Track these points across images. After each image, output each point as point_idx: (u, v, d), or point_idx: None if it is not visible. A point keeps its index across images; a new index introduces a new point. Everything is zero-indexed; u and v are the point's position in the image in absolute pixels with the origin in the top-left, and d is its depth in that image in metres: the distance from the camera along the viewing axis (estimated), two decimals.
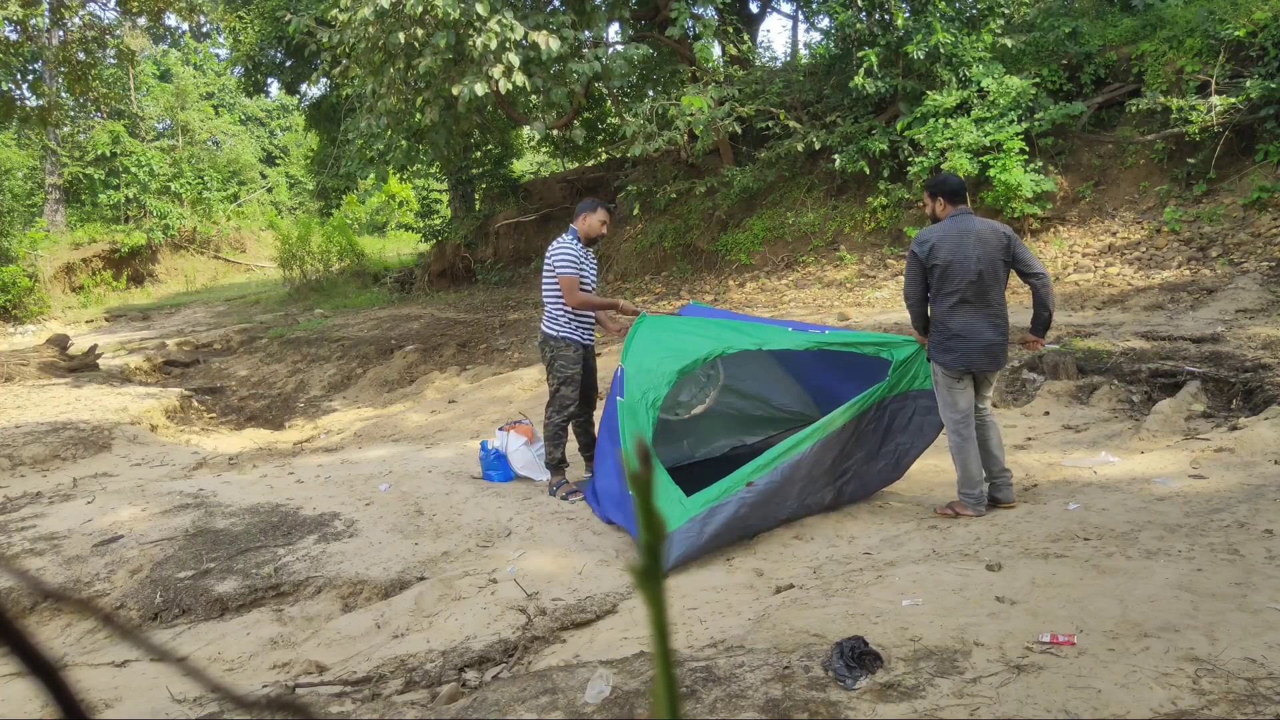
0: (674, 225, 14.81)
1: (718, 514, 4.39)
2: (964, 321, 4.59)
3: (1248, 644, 2.86)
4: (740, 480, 4.47)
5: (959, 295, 4.57)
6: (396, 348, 12.64)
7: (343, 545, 4.87)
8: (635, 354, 5.06)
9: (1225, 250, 9.34)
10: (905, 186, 11.95)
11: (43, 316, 19.15)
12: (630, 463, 0.47)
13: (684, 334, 5.20)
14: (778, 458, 4.58)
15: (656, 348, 5.05)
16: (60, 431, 8.22)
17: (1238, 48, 10.29)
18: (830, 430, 4.75)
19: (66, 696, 0.45)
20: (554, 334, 5.64)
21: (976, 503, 4.67)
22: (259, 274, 25.09)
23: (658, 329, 5.29)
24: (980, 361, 4.61)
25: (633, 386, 4.80)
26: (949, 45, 11.38)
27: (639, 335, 5.23)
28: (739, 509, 4.43)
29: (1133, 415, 6.29)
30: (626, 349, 5.13)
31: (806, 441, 4.66)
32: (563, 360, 5.62)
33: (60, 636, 4.19)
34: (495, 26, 9.97)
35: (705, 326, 5.29)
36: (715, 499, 4.41)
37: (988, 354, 4.62)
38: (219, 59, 35.27)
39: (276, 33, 16.97)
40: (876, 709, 2.69)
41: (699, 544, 4.36)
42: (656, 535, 0.45)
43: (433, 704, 3.23)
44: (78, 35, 15.59)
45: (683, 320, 5.53)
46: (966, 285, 4.56)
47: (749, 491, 4.46)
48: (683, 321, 5.49)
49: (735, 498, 4.43)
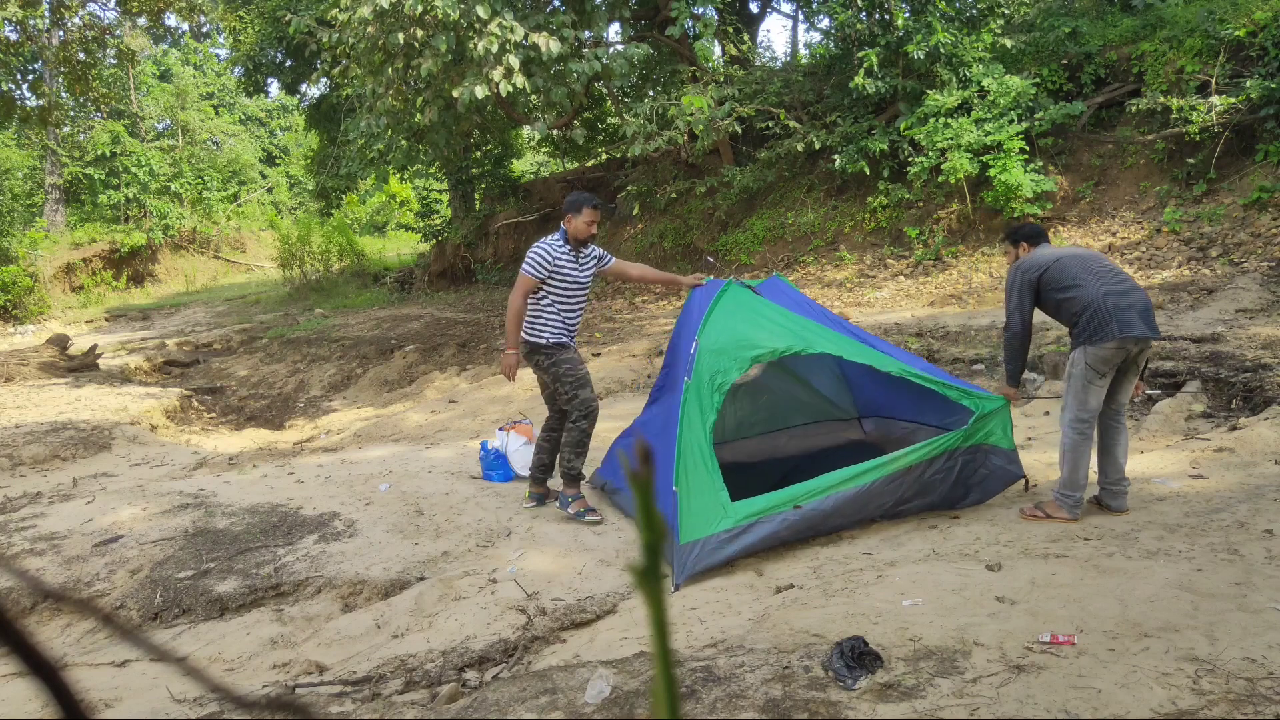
0: (674, 225, 14.81)
1: (757, 529, 4.29)
2: (1107, 290, 4.27)
3: (1248, 644, 2.86)
4: (787, 501, 4.35)
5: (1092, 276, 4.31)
6: (396, 348, 12.64)
7: (343, 545, 4.87)
8: (712, 332, 4.75)
9: (1225, 250, 9.34)
10: (905, 186, 11.95)
11: (43, 316, 19.15)
12: (639, 454, 0.47)
13: (764, 320, 4.88)
14: (831, 487, 4.44)
15: (733, 329, 4.77)
16: (60, 431, 8.22)
17: (1238, 48, 10.29)
18: (893, 469, 4.55)
19: (66, 696, 0.45)
20: (543, 342, 5.16)
21: (1075, 506, 4.40)
22: (259, 274, 25.08)
23: (738, 307, 4.95)
24: (1139, 325, 4.23)
25: (703, 367, 4.58)
26: (949, 45, 11.38)
27: (718, 312, 4.87)
28: (779, 528, 4.32)
29: (1133, 415, 6.29)
30: (704, 324, 4.78)
31: (866, 476, 4.48)
32: (567, 364, 5.18)
33: (60, 636, 4.19)
34: (495, 30, 9.97)
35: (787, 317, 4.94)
36: (759, 513, 4.30)
37: (1144, 316, 4.27)
38: (219, 59, 35.29)
39: (276, 33, 16.98)
40: (876, 709, 2.69)
41: (728, 554, 4.23)
42: (656, 534, 0.45)
43: (433, 704, 3.23)
44: (78, 35, 15.59)
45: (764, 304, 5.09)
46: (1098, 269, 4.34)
47: (794, 514, 4.35)
48: (764, 305, 5.07)
49: (779, 516, 4.32)
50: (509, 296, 5.20)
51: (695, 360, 4.61)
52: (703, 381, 4.54)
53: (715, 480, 4.32)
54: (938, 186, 11.50)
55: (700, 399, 4.49)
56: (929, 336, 8.71)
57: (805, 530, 4.41)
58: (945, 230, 11.68)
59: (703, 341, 4.68)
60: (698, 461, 4.35)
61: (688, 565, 4.15)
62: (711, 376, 4.55)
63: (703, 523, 4.21)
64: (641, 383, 8.99)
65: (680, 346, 4.95)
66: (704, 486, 4.29)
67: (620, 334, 11.47)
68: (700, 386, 4.53)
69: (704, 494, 4.27)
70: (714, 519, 4.22)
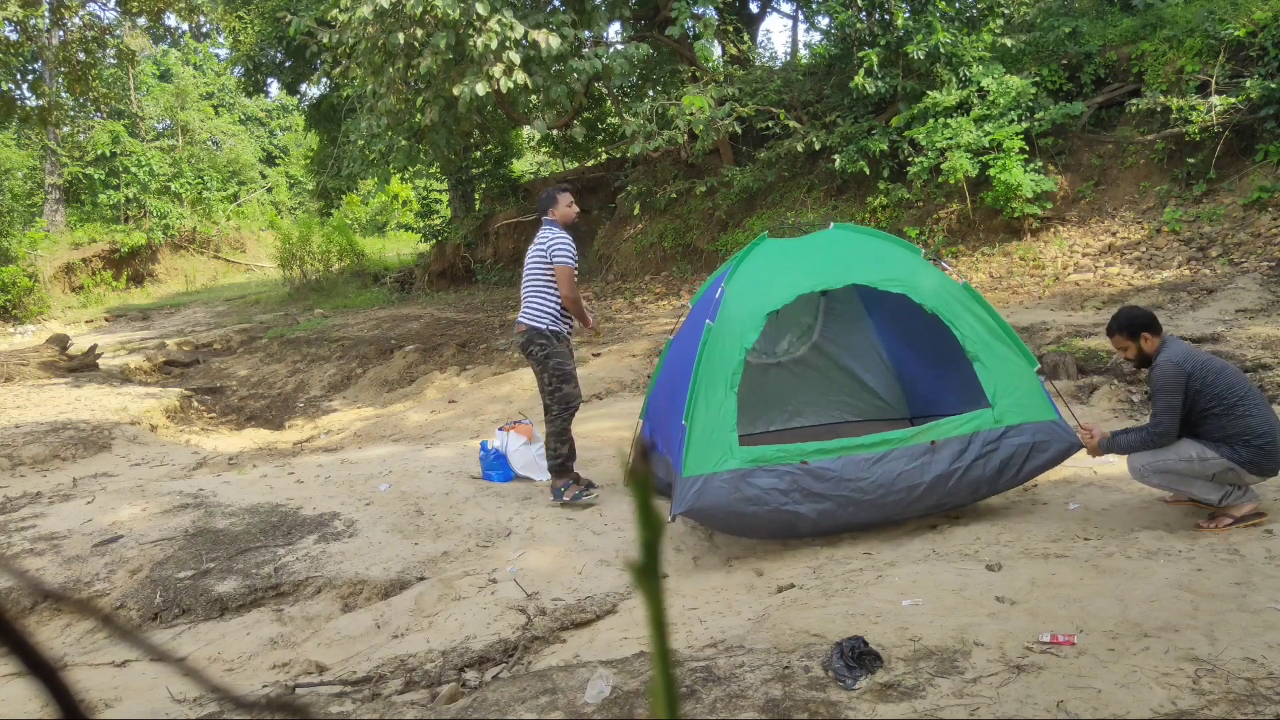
0: (674, 225, 14.81)
1: (761, 478, 4.15)
2: (1265, 419, 4.04)
3: (1248, 644, 2.86)
4: (795, 454, 4.23)
5: (1249, 396, 4.09)
6: (396, 348, 12.64)
7: (343, 545, 4.87)
8: (741, 279, 4.66)
9: (1225, 250, 9.34)
10: (905, 186, 11.95)
11: (42, 316, 19.14)
12: (645, 449, 0.47)
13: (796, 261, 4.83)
14: (841, 449, 4.30)
15: (764, 276, 4.70)
16: (60, 431, 8.22)
17: (1238, 47, 10.29)
18: (913, 442, 4.36)
19: (66, 697, 0.45)
20: (544, 328, 5.28)
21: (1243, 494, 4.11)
22: (259, 274, 25.08)
23: (768, 255, 4.88)
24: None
25: (728, 314, 4.47)
26: (949, 45, 11.37)
27: (749, 261, 4.80)
28: (783, 482, 4.17)
29: (1133, 415, 6.28)
30: (733, 273, 4.70)
31: (879, 447, 4.32)
32: (559, 356, 5.32)
33: (60, 636, 4.19)
34: (495, 26, 9.97)
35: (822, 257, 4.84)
36: (764, 460, 4.19)
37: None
38: (219, 59, 35.26)
39: (276, 33, 16.97)
40: (876, 709, 2.69)
41: (731, 499, 4.14)
42: (654, 532, 0.45)
43: (433, 704, 3.23)
44: (78, 35, 15.59)
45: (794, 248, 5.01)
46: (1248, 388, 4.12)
47: (800, 469, 4.19)
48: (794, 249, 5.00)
49: (783, 468, 4.18)
50: (562, 294, 5.30)
51: (721, 303, 4.51)
52: (730, 324, 4.43)
53: (729, 420, 4.24)
54: (938, 186, 11.50)
55: (725, 341, 4.39)
56: None
57: (813, 490, 4.21)
58: (945, 230, 11.68)
59: (730, 289, 4.59)
60: (712, 399, 4.29)
61: (688, 498, 4.14)
62: (740, 331, 4.43)
63: (709, 459, 4.17)
64: (641, 382, 8.99)
65: (705, 300, 4.88)
66: (715, 424, 4.23)
67: (620, 334, 11.46)
68: (727, 326, 4.42)
69: (714, 431, 4.22)
70: (721, 457, 4.18)
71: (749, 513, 4.21)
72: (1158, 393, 4.11)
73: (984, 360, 4.52)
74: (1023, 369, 4.55)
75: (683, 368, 4.64)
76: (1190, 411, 4.09)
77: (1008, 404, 4.44)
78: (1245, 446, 3.99)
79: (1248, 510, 4.07)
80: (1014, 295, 9.94)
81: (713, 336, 4.40)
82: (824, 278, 4.74)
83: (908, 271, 4.68)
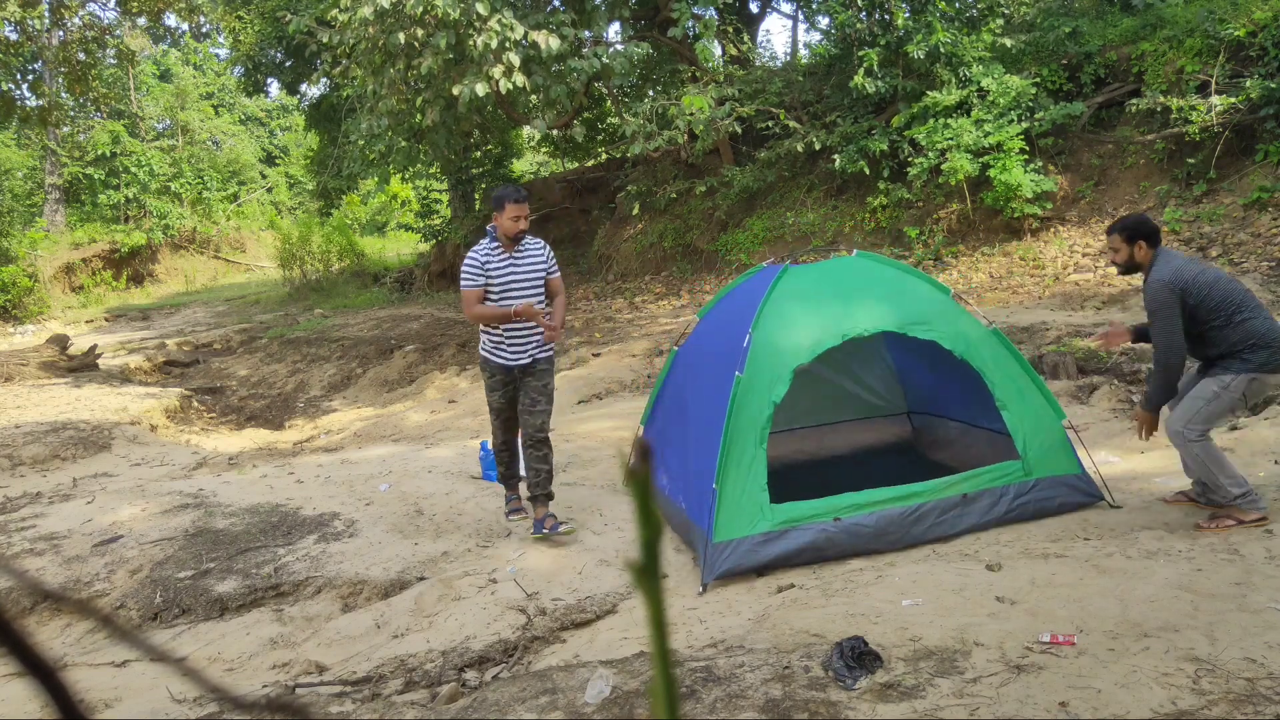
0: (674, 225, 14.81)
1: (794, 536, 4.14)
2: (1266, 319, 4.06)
3: (1248, 644, 2.86)
4: (828, 512, 4.21)
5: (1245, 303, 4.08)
6: (396, 348, 12.64)
7: (343, 545, 4.87)
8: (767, 323, 4.48)
9: (1225, 250, 9.34)
10: (905, 186, 11.95)
11: (42, 316, 19.14)
12: (645, 450, 0.47)
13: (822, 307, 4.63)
14: (876, 503, 4.26)
15: (791, 321, 4.52)
16: (60, 431, 8.22)
17: (1238, 47, 10.29)
18: (947, 495, 4.35)
19: (65, 697, 0.45)
20: (480, 354, 4.96)
21: (1252, 499, 4.07)
22: (259, 274, 25.08)
23: (794, 296, 4.66)
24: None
25: (756, 365, 4.33)
26: (949, 45, 11.38)
27: (774, 299, 4.59)
28: (817, 539, 4.16)
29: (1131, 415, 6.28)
30: (758, 315, 4.50)
31: (915, 499, 4.30)
32: (486, 386, 4.98)
33: (60, 636, 4.19)
34: (495, 26, 9.97)
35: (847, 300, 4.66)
36: (798, 520, 4.16)
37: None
38: (219, 59, 35.26)
39: (276, 33, 16.97)
40: (876, 709, 2.69)
41: (761, 559, 4.11)
42: (654, 531, 0.45)
43: (433, 704, 3.23)
44: (78, 35, 15.59)
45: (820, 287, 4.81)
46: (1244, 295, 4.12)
47: (833, 526, 4.19)
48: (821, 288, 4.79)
49: (817, 526, 4.17)
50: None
51: (749, 354, 4.36)
52: (759, 377, 4.32)
53: (759, 480, 4.16)
54: (938, 187, 11.50)
55: (753, 395, 4.28)
56: None
57: (845, 546, 4.20)
58: (945, 230, 11.68)
59: (757, 335, 4.43)
60: (743, 458, 4.18)
61: (719, 565, 4.03)
62: (769, 371, 4.34)
63: (740, 523, 4.08)
64: (641, 383, 8.99)
65: (726, 335, 4.69)
66: (746, 485, 4.13)
67: (620, 334, 11.46)
68: (755, 382, 4.31)
69: (745, 493, 4.12)
70: (752, 520, 4.09)
71: (775, 561, 4.16)
72: (1153, 315, 4.10)
73: (1012, 409, 4.52)
74: (1050, 419, 4.57)
75: (700, 407, 4.56)
76: (1192, 326, 4.08)
77: (1036, 455, 4.46)
78: (1254, 350, 4.01)
79: (1254, 518, 4.04)
80: (1014, 295, 9.94)
81: (741, 390, 4.28)
82: (853, 322, 4.55)
83: (937, 315, 4.63)
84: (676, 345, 5.42)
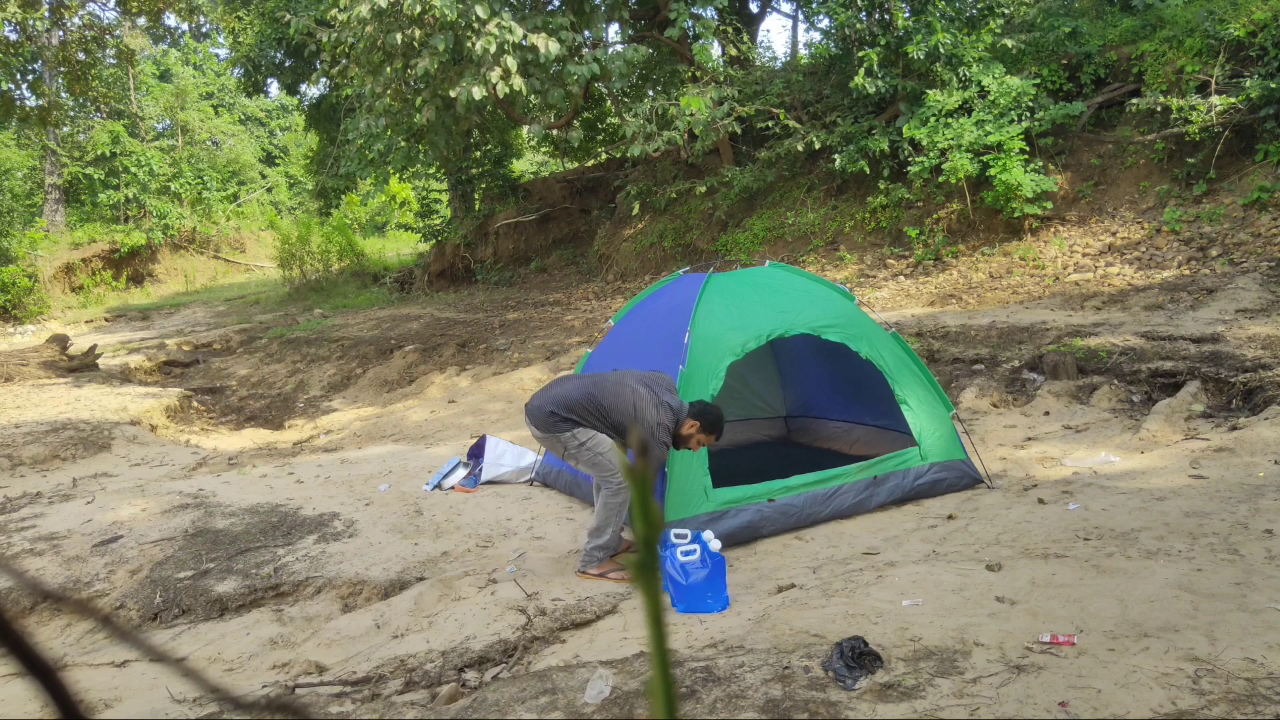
0: (674, 225, 14.80)
1: (735, 516, 4.62)
2: None
3: (1248, 644, 2.86)
4: (763, 494, 4.72)
5: None
6: (396, 348, 12.64)
7: (342, 545, 4.87)
8: (702, 323, 5.00)
9: (1225, 250, 9.33)
10: (905, 186, 11.95)
11: (42, 316, 19.13)
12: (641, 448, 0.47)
13: (751, 306, 5.21)
14: (804, 485, 4.84)
15: (723, 318, 5.06)
16: (60, 431, 8.22)
17: (1238, 47, 10.28)
18: (860, 478, 4.99)
19: (65, 697, 0.45)
20: None
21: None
22: (259, 274, 25.07)
23: (724, 296, 5.25)
24: None
25: (698, 356, 4.82)
26: (949, 45, 11.37)
27: (705, 301, 5.14)
28: (754, 518, 4.67)
29: (1133, 415, 6.28)
30: (694, 315, 5.02)
31: (835, 480, 4.92)
32: None
33: (60, 636, 4.18)
34: (494, 30, 9.96)
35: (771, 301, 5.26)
36: (736, 501, 4.65)
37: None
38: (219, 59, 35.26)
39: (276, 33, 16.97)
40: (876, 709, 2.69)
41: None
42: (653, 528, 0.44)
43: (433, 704, 3.23)
44: (78, 35, 15.58)
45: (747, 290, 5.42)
46: None
47: (768, 506, 4.71)
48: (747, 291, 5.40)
49: (753, 507, 4.68)
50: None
51: (689, 350, 4.84)
52: (698, 369, 4.78)
53: (702, 465, 4.61)
54: (938, 186, 11.50)
55: (694, 388, 4.72)
56: (929, 336, 8.71)
57: (778, 523, 4.74)
58: (945, 230, 11.68)
59: (695, 331, 4.94)
60: None
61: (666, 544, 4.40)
62: (707, 365, 4.81)
63: (686, 504, 4.52)
64: None
65: (662, 335, 5.19)
66: (691, 470, 4.57)
67: None
68: (695, 374, 4.77)
69: (690, 477, 4.56)
70: (697, 502, 4.54)
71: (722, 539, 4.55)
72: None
73: (911, 404, 5.19)
74: (941, 412, 5.25)
75: None
76: None
77: (930, 443, 5.16)
78: None
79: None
80: (1014, 295, 9.94)
81: (683, 383, 4.70)
82: (776, 324, 5.12)
83: (846, 319, 5.24)
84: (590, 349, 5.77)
